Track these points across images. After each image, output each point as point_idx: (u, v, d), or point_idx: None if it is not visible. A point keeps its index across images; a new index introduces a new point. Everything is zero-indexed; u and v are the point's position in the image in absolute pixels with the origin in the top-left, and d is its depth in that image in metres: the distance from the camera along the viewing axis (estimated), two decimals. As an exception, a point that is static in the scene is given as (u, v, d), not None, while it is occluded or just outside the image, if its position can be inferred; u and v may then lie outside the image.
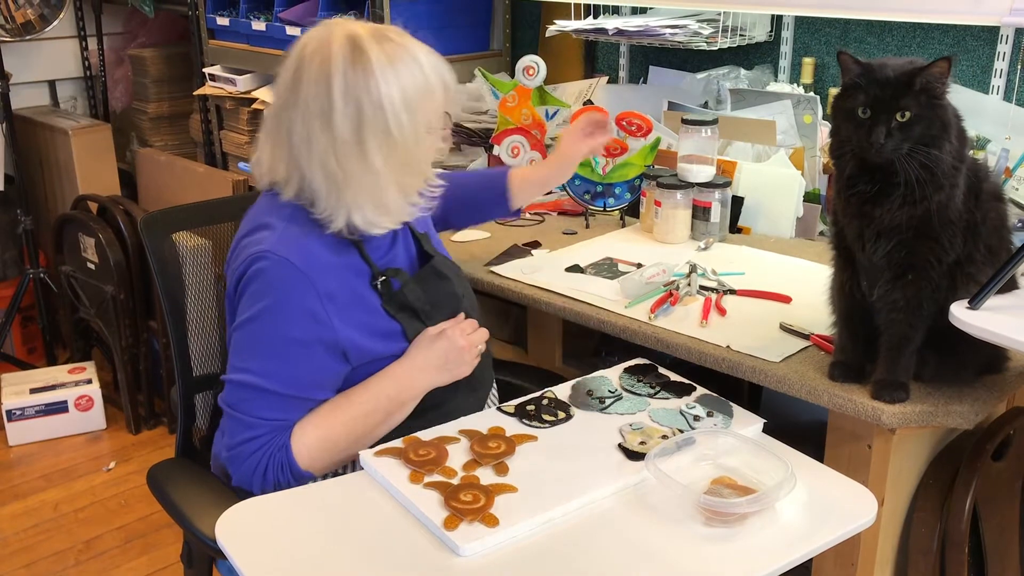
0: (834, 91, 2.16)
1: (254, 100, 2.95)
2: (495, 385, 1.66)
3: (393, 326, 1.45)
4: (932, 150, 1.30)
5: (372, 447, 1.36)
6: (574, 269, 1.91)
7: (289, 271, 1.36)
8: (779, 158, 2.17)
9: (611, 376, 1.56)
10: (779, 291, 1.78)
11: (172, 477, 1.52)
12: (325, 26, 1.39)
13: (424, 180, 1.47)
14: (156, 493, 1.49)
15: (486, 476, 1.28)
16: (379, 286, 1.45)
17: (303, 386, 1.38)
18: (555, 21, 2.55)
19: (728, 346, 1.58)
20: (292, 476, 1.36)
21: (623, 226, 2.23)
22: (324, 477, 1.41)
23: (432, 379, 1.45)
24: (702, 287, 1.81)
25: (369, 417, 1.40)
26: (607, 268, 1.92)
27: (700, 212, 2.07)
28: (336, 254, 1.42)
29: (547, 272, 1.90)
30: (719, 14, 2.32)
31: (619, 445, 1.35)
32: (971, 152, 1.94)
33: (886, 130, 1.30)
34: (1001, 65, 2.04)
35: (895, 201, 1.34)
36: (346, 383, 1.44)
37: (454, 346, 1.45)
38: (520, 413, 1.44)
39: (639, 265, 1.91)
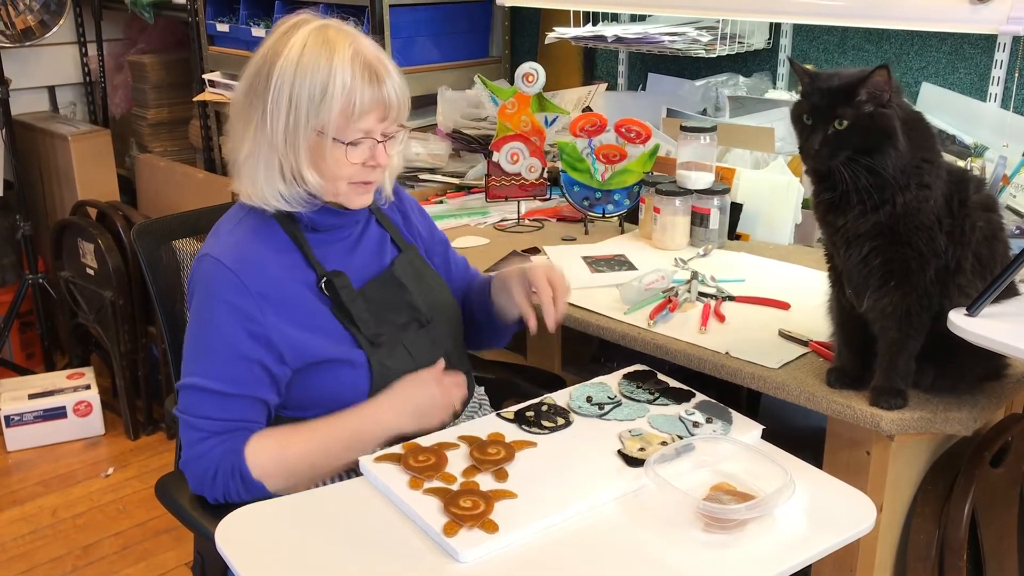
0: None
1: (254, 106, 2.95)
2: (481, 387, 1.67)
3: (340, 329, 1.44)
4: (874, 158, 1.31)
5: (370, 454, 1.36)
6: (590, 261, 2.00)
7: (219, 271, 1.38)
8: (777, 165, 2.17)
9: (610, 382, 1.57)
10: (778, 298, 1.79)
11: (182, 485, 1.46)
12: None
13: (296, 179, 1.40)
14: (166, 502, 1.47)
15: (486, 482, 1.28)
16: (323, 287, 1.45)
17: (242, 383, 1.37)
18: (554, 28, 2.56)
19: (727, 352, 1.58)
20: (242, 483, 1.34)
21: (622, 232, 2.23)
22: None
23: (400, 423, 1.41)
24: (701, 293, 1.81)
25: (328, 444, 1.38)
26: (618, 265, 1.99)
27: (699, 219, 2.07)
28: (281, 254, 1.43)
29: (566, 262, 1.96)
30: (718, 21, 2.33)
31: (618, 451, 1.36)
32: (970, 160, 1.96)
33: (822, 137, 1.33)
34: (998, 73, 2.05)
35: (855, 209, 1.36)
36: (290, 391, 1.42)
37: (433, 399, 1.43)
38: (519, 419, 1.44)
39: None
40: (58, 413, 3.07)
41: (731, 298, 1.80)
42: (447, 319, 1.57)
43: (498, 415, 1.46)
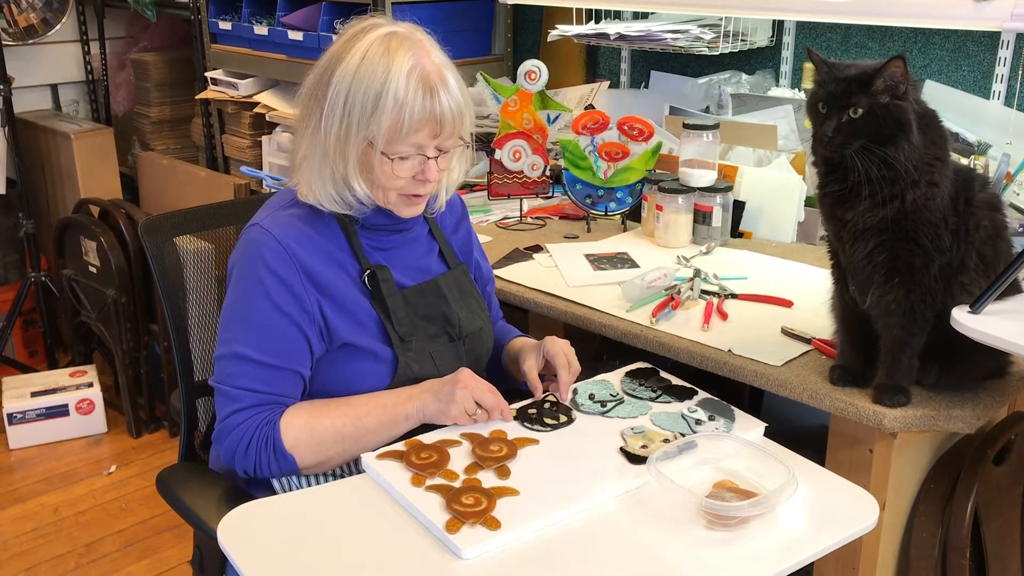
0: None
1: (256, 104, 2.96)
2: None
3: (374, 321, 1.44)
4: (887, 148, 1.31)
5: (372, 451, 1.36)
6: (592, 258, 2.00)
7: (268, 240, 1.39)
8: (780, 163, 2.17)
9: (613, 380, 1.56)
10: (780, 295, 1.78)
11: (182, 480, 1.49)
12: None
13: (346, 186, 1.40)
14: (166, 496, 1.47)
15: (488, 479, 1.28)
16: (366, 280, 1.45)
17: (285, 355, 1.38)
18: (557, 26, 2.56)
19: (730, 350, 1.58)
20: (275, 454, 1.35)
21: (624, 230, 2.23)
22: (309, 481, 1.41)
23: (423, 400, 1.39)
24: (704, 291, 1.81)
25: (361, 420, 1.38)
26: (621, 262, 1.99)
27: (701, 216, 2.07)
28: (328, 240, 1.44)
29: (569, 260, 1.97)
30: (721, 19, 2.33)
31: (621, 449, 1.35)
32: (973, 157, 1.96)
33: (836, 124, 1.33)
34: (1002, 70, 2.05)
35: (864, 202, 1.35)
36: (315, 372, 1.42)
37: (453, 391, 1.38)
38: (522, 416, 1.44)
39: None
40: (60, 411, 3.07)
41: (734, 296, 1.80)
42: (478, 343, 1.57)
43: (500, 412, 1.46)
